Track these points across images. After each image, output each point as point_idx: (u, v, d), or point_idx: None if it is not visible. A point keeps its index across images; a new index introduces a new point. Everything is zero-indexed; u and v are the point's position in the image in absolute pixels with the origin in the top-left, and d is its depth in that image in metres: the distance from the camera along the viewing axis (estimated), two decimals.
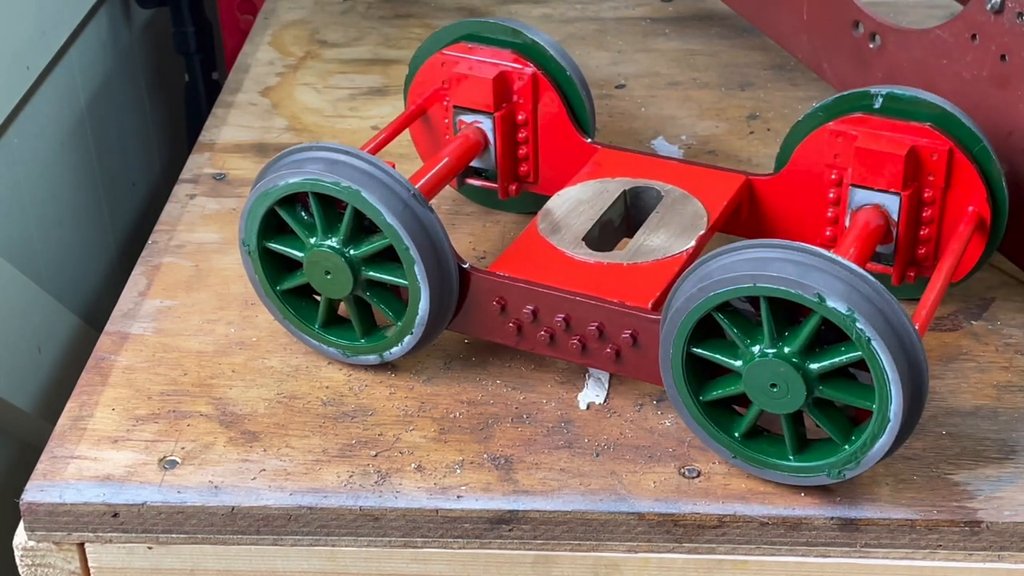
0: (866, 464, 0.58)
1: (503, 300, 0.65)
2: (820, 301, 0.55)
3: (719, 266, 0.58)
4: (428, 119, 0.78)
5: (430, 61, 0.76)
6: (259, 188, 0.65)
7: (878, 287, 0.56)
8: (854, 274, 0.56)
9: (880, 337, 0.55)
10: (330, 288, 0.66)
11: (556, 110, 0.75)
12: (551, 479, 0.62)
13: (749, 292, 0.57)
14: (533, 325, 0.65)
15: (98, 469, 0.63)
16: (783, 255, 0.57)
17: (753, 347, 0.58)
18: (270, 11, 1.09)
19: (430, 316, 0.65)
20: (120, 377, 0.69)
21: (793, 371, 0.57)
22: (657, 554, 0.62)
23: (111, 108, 1.19)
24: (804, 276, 0.56)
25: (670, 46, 1.01)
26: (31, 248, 1.01)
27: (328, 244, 0.65)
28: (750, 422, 0.60)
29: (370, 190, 0.63)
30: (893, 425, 0.56)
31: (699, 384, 0.60)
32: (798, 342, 0.57)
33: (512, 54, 0.75)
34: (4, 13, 0.95)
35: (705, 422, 0.61)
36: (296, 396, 0.67)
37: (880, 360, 0.55)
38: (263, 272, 0.68)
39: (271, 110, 0.94)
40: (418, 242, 0.63)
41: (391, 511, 0.61)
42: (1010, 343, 0.70)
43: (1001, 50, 0.71)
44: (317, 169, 0.64)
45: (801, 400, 0.57)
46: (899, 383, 0.55)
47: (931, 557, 0.61)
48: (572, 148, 0.76)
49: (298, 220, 0.66)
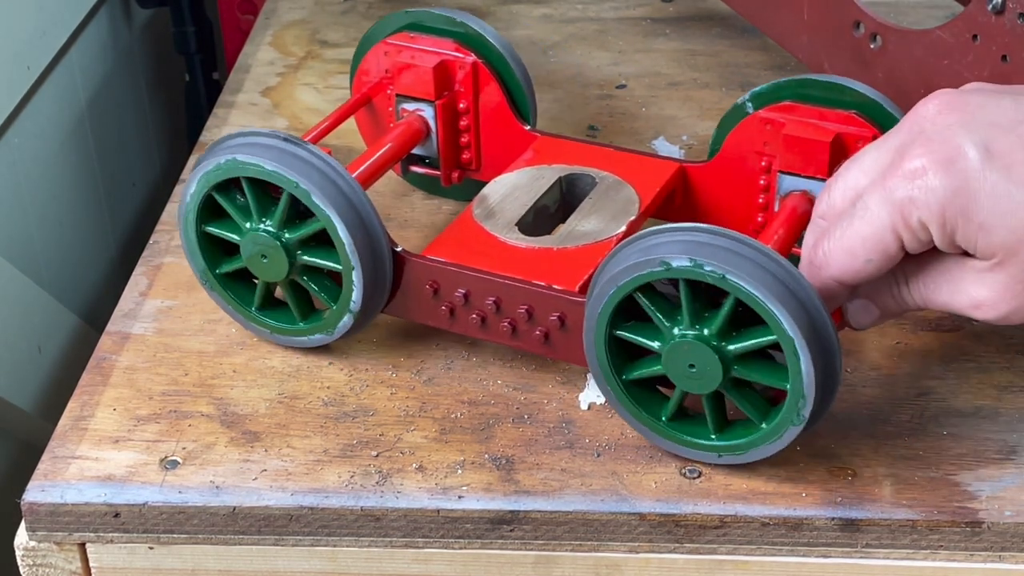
0: (810, 392, 0.57)
1: (436, 284, 0.66)
2: (667, 267, 0.57)
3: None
4: (373, 107, 0.79)
5: (374, 50, 0.77)
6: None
7: (720, 231, 0.57)
8: (696, 231, 0.58)
9: (734, 269, 0.56)
10: (267, 272, 0.67)
11: (497, 98, 0.76)
12: (552, 479, 0.62)
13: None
14: (465, 308, 0.66)
15: (99, 469, 0.63)
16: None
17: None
18: (271, 11, 1.09)
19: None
20: (121, 377, 0.69)
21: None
22: (658, 554, 0.62)
23: (111, 108, 1.19)
24: (649, 253, 0.58)
25: (671, 46, 1.01)
26: (31, 248, 1.01)
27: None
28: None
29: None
30: (800, 343, 0.56)
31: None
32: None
33: (453, 43, 0.76)
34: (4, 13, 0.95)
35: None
36: (297, 396, 0.67)
37: (744, 288, 0.56)
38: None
39: (272, 110, 0.94)
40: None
41: (392, 511, 0.61)
42: (1011, 343, 0.70)
43: (1002, 51, 0.71)
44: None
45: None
46: (777, 302, 0.56)
47: (932, 557, 0.61)
48: (513, 136, 0.77)
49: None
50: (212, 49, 1.30)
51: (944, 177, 0.56)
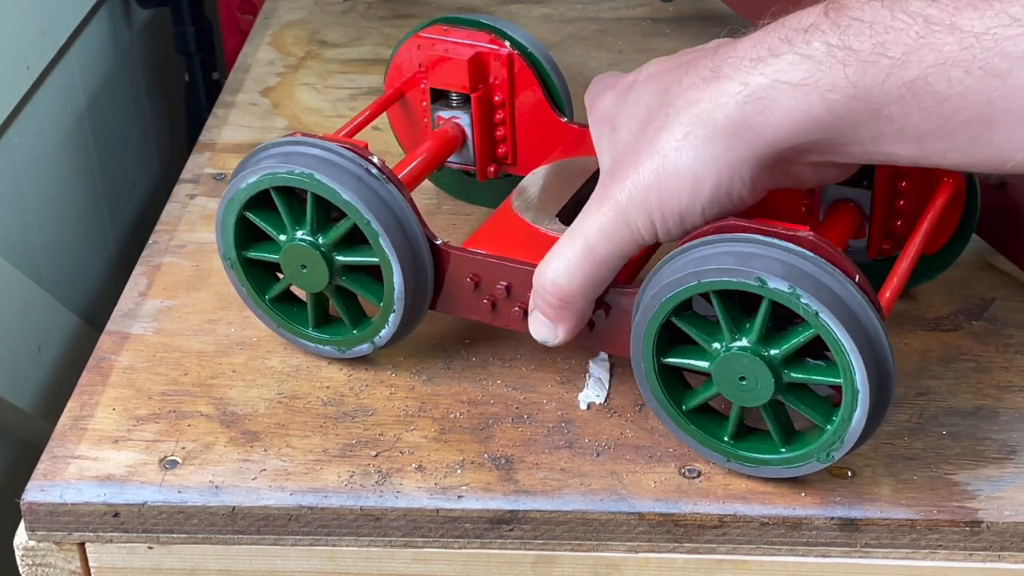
0: (849, 442, 0.57)
1: (477, 277, 0.66)
2: (762, 284, 0.56)
3: (668, 270, 0.58)
4: (406, 103, 0.78)
5: (406, 44, 0.76)
6: (224, 197, 0.66)
7: (820, 261, 0.56)
8: (793, 252, 0.56)
9: (828, 309, 0.55)
10: (310, 282, 0.66)
11: (533, 90, 0.76)
12: (551, 479, 0.62)
13: (697, 290, 0.57)
14: (507, 301, 0.65)
15: (99, 469, 0.63)
16: (724, 248, 0.57)
17: (715, 344, 0.58)
18: (270, 11, 1.09)
19: (407, 290, 0.65)
20: (121, 377, 0.69)
21: (757, 360, 0.57)
22: (657, 554, 0.62)
23: (111, 108, 1.19)
24: (744, 263, 0.56)
25: (670, 46, 1.01)
26: (31, 248, 1.01)
27: (298, 237, 0.65)
28: (735, 422, 0.60)
29: (323, 171, 0.63)
30: (863, 396, 0.56)
31: (679, 394, 0.61)
32: (755, 331, 0.57)
33: (488, 35, 0.75)
34: (4, 13, 0.95)
35: (693, 430, 0.61)
36: (296, 396, 0.67)
37: (833, 332, 0.55)
38: (249, 283, 0.68)
39: (271, 110, 0.94)
40: (379, 214, 0.63)
41: (392, 511, 0.61)
42: (1010, 343, 0.70)
43: None
44: (272, 163, 0.64)
45: (772, 388, 0.58)
46: (857, 351, 0.55)
47: (931, 557, 0.61)
48: (549, 128, 0.76)
49: (268, 221, 0.66)
50: (212, 49, 1.30)
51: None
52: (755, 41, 0.58)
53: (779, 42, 0.57)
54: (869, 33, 0.54)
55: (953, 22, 0.53)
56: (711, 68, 0.58)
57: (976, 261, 0.75)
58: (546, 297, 0.62)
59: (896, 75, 0.54)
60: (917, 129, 0.55)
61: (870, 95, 0.54)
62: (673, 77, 0.61)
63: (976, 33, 0.52)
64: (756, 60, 0.57)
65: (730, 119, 0.57)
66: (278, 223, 0.66)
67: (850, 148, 0.57)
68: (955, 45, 0.52)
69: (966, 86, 0.53)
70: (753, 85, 0.56)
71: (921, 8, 0.53)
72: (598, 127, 0.65)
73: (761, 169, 0.58)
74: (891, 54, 0.54)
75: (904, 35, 0.53)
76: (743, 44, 0.58)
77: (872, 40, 0.54)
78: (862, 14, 0.55)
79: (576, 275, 0.61)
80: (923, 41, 0.53)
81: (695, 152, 0.57)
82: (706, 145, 0.57)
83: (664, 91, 0.61)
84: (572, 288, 0.61)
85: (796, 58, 0.56)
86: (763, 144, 0.57)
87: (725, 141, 0.57)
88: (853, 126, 0.56)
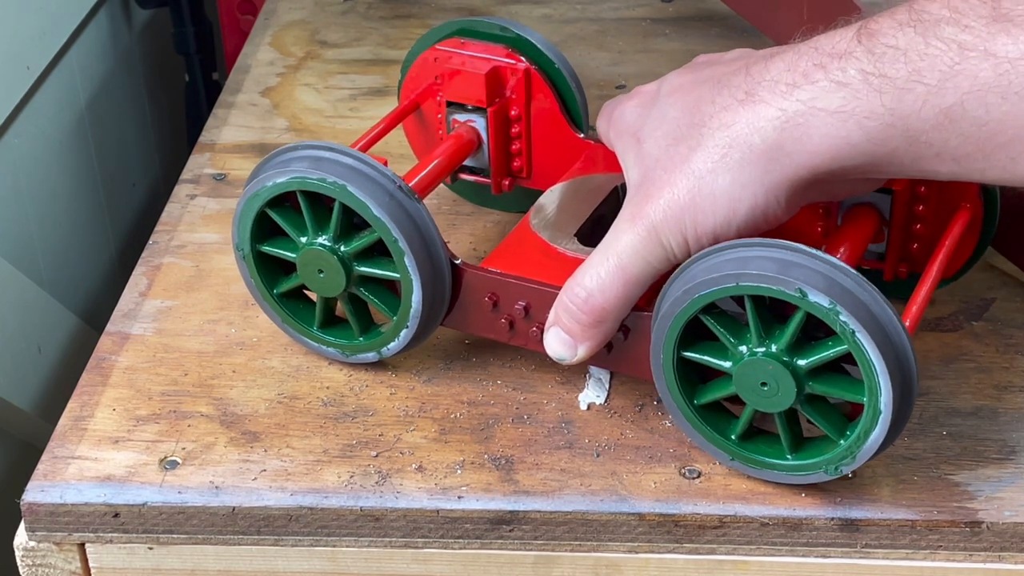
0: (862, 458, 0.58)
1: (495, 296, 0.65)
2: (802, 296, 0.56)
3: (703, 268, 0.58)
4: (421, 114, 0.78)
5: (423, 56, 0.76)
6: (248, 191, 0.66)
7: (860, 279, 0.56)
8: (836, 267, 0.56)
9: (864, 329, 0.55)
10: (324, 287, 0.66)
11: (549, 105, 0.76)
12: (552, 479, 0.62)
13: (733, 292, 0.57)
14: (525, 321, 0.65)
15: (99, 469, 0.63)
16: (764, 252, 0.57)
17: (741, 347, 0.58)
18: (270, 11, 1.09)
19: (423, 308, 0.65)
20: (121, 377, 0.69)
21: (782, 368, 0.57)
22: (658, 554, 0.62)
23: (111, 108, 1.19)
24: (785, 272, 0.56)
25: (670, 47, 1.01)
26: (31, 248, 1.01)
27: (319, 242, 0.65)
28: (745, 423, 0.60)
29: (356, 184, 0.63)
30: (885, 417, 0.56)
31: (692, 388, 0.61)
32: (785, 339, 0.57)
33: (505, 49, 0.75)
34: (4, 13, 0.95)
35: (701, 425, 0.61)
36: (297, 396, 0.67)
37: (866, 352, 0.55)
38: (259, 276, 0.68)
39: (271, 110, 0.94)
40: (407, 233, 0.63)
41: (392, 511, 0.61)
42: (1010, 343, 0.70)
43: None
44: (303, 167, 0.64)
45: (792, 397, 0.57)
46: (887, 374, 0.55)
47: (932, 557, 0.61)
48: (565, 143, 0.76)
49: (289, 220, 0.66)
50: (212, 50, 1.30)
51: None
52: (788, 64, 0.57)
53: (813, 67, 0.56)
54: (904, 60, 0.54)
55: (987, 48, 0.52)
56: (745, 90, 0.58)
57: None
58: (577, 315, 0.61)
59: (932, 102, 0.54)
60: (956, 152, 0.55)
61: (907, 122, 0.54)
62: (702, 94, 0.61)
63: (1011, 59, 0.52)
64: (791, 85, 0.57)
65: (767, 144, 0.57)
66: (299, 224, 0.66)
67: (887, 169, 0.57)
68: (990, 71, 0.52)
69: (1003, 111, 0.53)
70: (790, 111, 0.56)
71: (954, 34, 0.53)
72: (622, 139, 0.65)
73: (796, 191, 0.58)
74: (927, 81, 0.53)
75: (939, 62, 0.53)
76: (776, 66, 0.58)
77: (907, 67, 0.54)
78: (896, 41, 0.54)
79: (609, 292, 0.61)
80: (958, 68, 0.53)
81: (732, 175, 0.57)
82: (743, 168, 0.57)
83: (694, 108, 0.60)
84: (606, 306, 0.61)
85: (831, 85, 0.56)
86: (800, 169, 0.57)
87: (762, 165, 0.57)
88: (891, 151, 0.56)
